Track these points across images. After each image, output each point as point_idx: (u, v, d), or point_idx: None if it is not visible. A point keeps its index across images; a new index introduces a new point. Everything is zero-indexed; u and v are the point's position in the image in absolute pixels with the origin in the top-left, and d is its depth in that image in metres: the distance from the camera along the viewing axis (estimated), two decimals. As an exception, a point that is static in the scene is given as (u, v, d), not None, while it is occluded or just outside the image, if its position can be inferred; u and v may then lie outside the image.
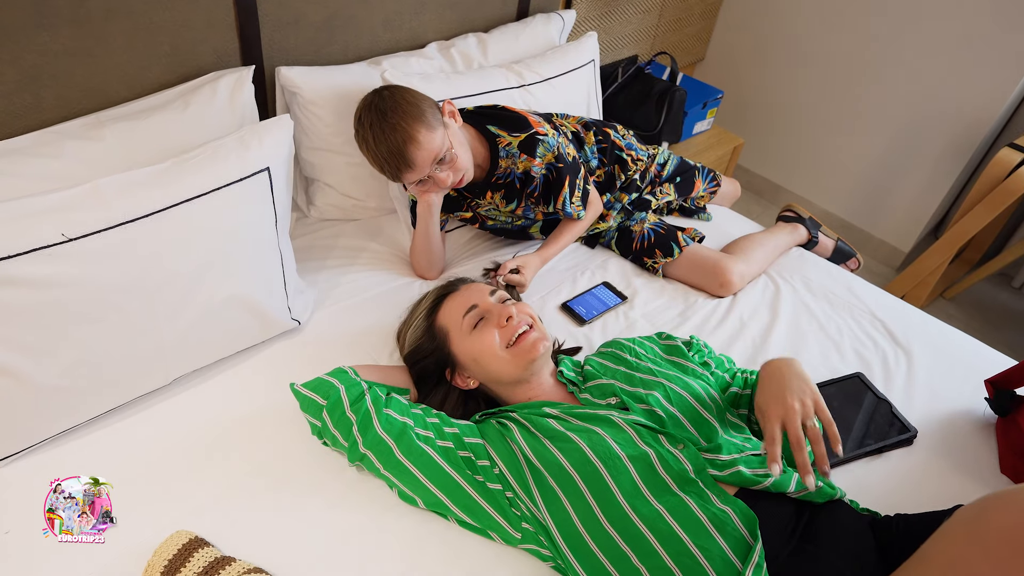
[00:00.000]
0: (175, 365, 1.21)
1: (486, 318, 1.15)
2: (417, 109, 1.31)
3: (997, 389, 1.31)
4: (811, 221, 1.86)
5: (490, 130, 1.48)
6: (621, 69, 2.34)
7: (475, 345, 1.13)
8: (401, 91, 1.35)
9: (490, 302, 1.18)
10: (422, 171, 1.34)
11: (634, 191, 1.72)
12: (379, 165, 1.35)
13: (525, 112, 1.52)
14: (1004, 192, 2.04)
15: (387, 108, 1.30)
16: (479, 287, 1.22)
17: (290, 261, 1.35)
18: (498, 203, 1.54)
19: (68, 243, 1.02)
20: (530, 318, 1.17)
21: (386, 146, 1.30)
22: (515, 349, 1.12)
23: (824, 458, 0.93)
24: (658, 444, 0.99)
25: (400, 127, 1.29)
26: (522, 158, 1.46)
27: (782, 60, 2.68)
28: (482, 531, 1.05)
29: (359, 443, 1.05)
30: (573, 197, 1.52)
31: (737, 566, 0.87)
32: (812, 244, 1.84)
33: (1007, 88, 2.19)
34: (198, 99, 1.32)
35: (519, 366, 1.12)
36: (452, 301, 1.20)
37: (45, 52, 1.19)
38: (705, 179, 1.88)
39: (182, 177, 1.13)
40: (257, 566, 0.97)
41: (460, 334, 1.15)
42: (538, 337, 1.13)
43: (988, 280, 2.65)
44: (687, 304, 1.57)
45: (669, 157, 1.82)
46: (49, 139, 1.21)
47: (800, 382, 0.99)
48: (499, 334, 1.13)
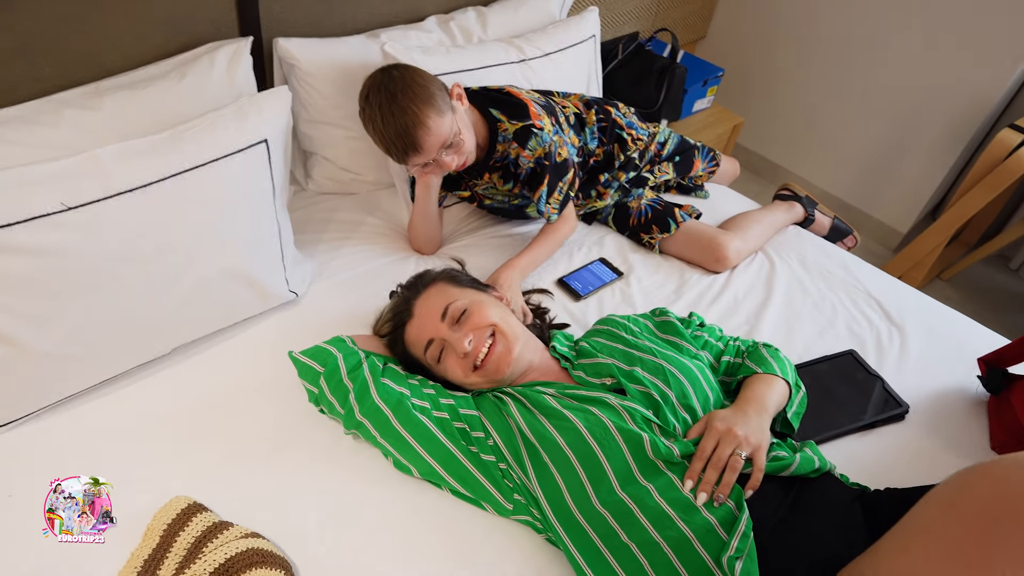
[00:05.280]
0: (174, 335, 1.22)
1: (445, 349, 1.12)
2: (427, 92, 1.29)
3: (990, 367, 1.32)
4: (807, 199, 1.86)
5: (492, 113, 1.47)
6: (622, 45, 2.32)
7: (446, 373, 1.14)
8: (411, 72, 1.33)
9: (443, 331, 1.12)
10: (429, 155, 1.33)
11: (632, 170, 1.71)
12: (385, 146, 1.33)
13: (528, 100, 1.49)
14: (1003, 173, 2.04)
15: (397, 90, 1.28)
16: (430, 307, 1.14)
17: (288, 233, 1.35)
18: (495, 182, 1.54)
19: (67, 212, 1.03)
20: (491, 329, 1.12)
21: (394, 129, 1.29)
22: (482, 371, 1.11)
23: (728, 487, 0.93)
24: (651, 431, 1.00)
25: (410, 110, 1.27)
26: (514, 146, 1.46)
27: (783, 39, 2.66)
28: (475, 501, 1.06)
29: (356, 411, 1.06)
30: (550, 198, 1.48)
31: (722, 536, 0.89)
32: (808, 222, 1.84)
33: (1009, 69, 2.18)
34: (196, 70, 1.31)
35: (494, 380, 1.12)
36: (411, 332, 1.16)
37: (39, 18, 1.18)
38: (704, 159, 1.87)
39: (180, 147, 1.14)
40: (254, 531, 0.99)
41: (429, 364, 1.15)
42: (502, 352, 1.10)
43: (986, 261, 2.65)
44: (682, 280, 1.58)
45: (669, 136, 1.81)
46: (48, 108, 1.20)
47: (759, 423, 1.02)
48: (460, 367, 1.11)
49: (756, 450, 0.97)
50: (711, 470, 0.94)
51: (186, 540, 0.96)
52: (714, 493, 0.93)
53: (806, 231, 1.79)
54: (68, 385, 1.13)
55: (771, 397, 1.08)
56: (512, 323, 1.15)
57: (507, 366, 1.10)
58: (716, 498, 0.92)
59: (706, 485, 0.93)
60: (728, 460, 0.95)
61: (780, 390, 1.11)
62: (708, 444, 0.97)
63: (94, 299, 1.08)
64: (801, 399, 1.17)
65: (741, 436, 0.97)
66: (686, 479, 0.94)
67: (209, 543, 0.96)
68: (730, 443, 0.96)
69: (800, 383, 1.19)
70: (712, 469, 0.94)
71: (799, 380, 1.19)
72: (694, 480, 0.94)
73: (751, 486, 0.95)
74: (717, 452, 0.95)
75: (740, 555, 0.86)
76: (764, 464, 0.96)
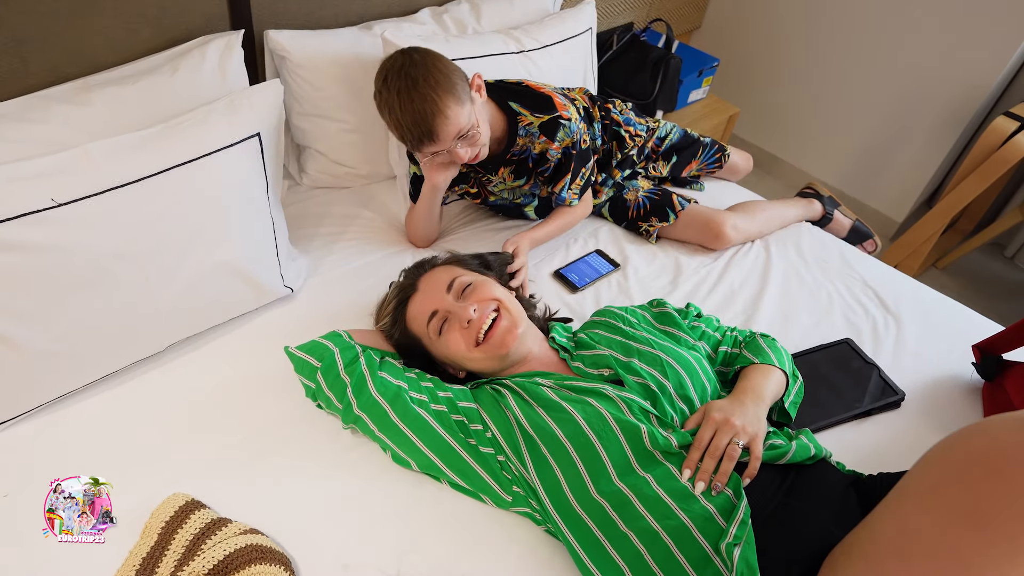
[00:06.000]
0: (169, 332, 1.21)
1: (448, 320, 1.12)
2: (449, 81, 1.26)
3: (984, 354, 1.32)
4: (830, 200, 1.86)
5: (511, 107, 1.44)
6: (616, 36, 2.31)
7: (446, 349, 1.12)
8: (433, 58, 1.28)
9: (448, 303, 1.13)
10: (444, 145, 1.29)
11: (628, 167, 1.70)
12: (400, 133, 1.29)
13: (552, 92, 1.48)
14: (998, 161, 2.04)
15: (419, 75, 1.24)
16: (436, 281, 1.16)
17: (282, 228, 1.35)
18: (506, 177, 1.53)
19: (58, 208, 1.02)
20: (495, 303, 1.12)
21: (412, 116, 1.25)
22: (485, 347, 1.10)
23: (725, 476, 0.93)
24: (648, 422, 1.00)
25: (430, 98, 1.23)
26: (541, 139, 1.44)
27: (778, 29, 2.65)
28: (474, 494, 1.06)
29: (353, 405, 1.06)
30: (573, 184, 1.50)
31: (721, 524, 0.89)
32: (826, 221, 1.84)
33: (1004, 57, 2.17)
34: (187, 64, 1.30)
35: (495, 359, 1.11)
36: (414, 306, 1.17)
37: (31, 13, 1.17)
38: (706, 158, 1.83)
39: (172, 142, 1.13)
40: (253, 527, 0.99)
41: (430, 340, 1.14)
42: (507, 327, 1.10)
43: (981, 250, 2.66)
44: (679, 271, 1.58)
45: (671, 131, 1.78)
46: (37, 104, 1.19)
47: (756, 412, 1.02)
48: (463, 337, 1.10)
49: (753, 439, 0.97)
50: (708, 459, 0.95)
51: (184, 537, 0.96)
52: (712, 482, 0.93)
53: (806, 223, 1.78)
54: (62, 383, 1.13)
55: (768, 387, 1.09)
56: (516, 304, 1.15)
57: (512, 341, 1.09)
58: (714, 486, 0.93)
59: (703, 474, 0.94)
60: (726, 449, 0.95)
61: (777, 380, 1.12)
62: (705, 433, 0.97)
63: (87, 296, 1.08)
64: (798, 389, 1.17)
65: (738, 425, 0.97)
66: (684, 468, 0.95)
67: (207, 540, 0.95)
68: (727, 432, 0.96)
69: (797, 373, 1.19)
70: (709, 458, 0.95)
71: (796, 370, 1.19)
72: (692, 469, 0.95)
73: (748, 474, 0.95)
74: (714, 441, 0.96)
75: (738, 542, 0.86)
76: (761, 453, 0.97)
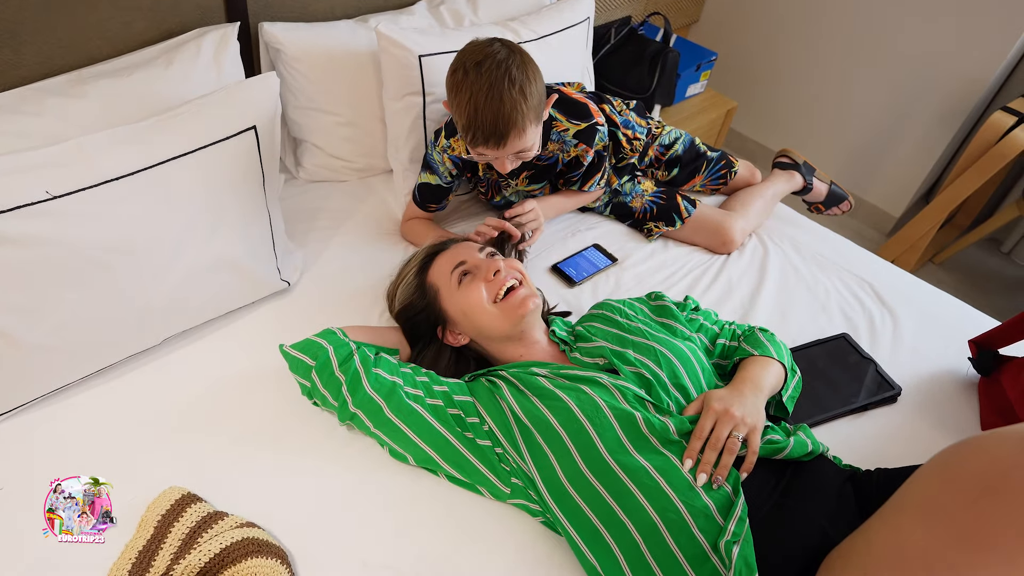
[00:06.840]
0: (165, 325, 1.21)
1: (473, 273, 1.16)
2: (539, 100, 1.23)
3: (980, 349, 1.32)
4: (806, 166, 1.85)
5: (550, 112, 1.42)
6: (614, 30, 2.30)
7: (464, 300, 1.14)
8: (535, 69, 1.24)
9: (478, 258, 1.18)
10: (503, 154, 1.26)
11: (627, 173, 1.67)
12: (469, 120, 1.21)
13: (585, 99, 1.47)
14: (995, 156, 2.04)
15: (519, 80, 1.18)
16: (468, 245, 1.23)
17: (279, 222, 1.34)
18: (518, 183, 1.52)
19: (53, 200, 1.01)
20: (519, 273, 1.17)
21: (493, 114, 1.18)
22: (503, 304, 1.12)
23: (725, 470, 0.94)
24: (644, 409, 1.01)
25: (520, 108, 1.18)
26: (579, 147, 1.44)
27: (776, 23, 2.65)
28: (471, 487, 1.06)
29: (349, 402, 1.06)
30: (601, 180, 1.55)
31: (719, 521, 0.89)
32: (807, 191, 1.84)
33: (1001, 52, 2.17)
34: (182, 56, 1.30)
35: (508, 320, 1.12)
36: (441, 259, 1.20)
37: (25, 5, 1.16)
38: (710, 174, 1.76)
39: (167, 135, 1.12)
40: (249, 520, 0.98)
41: (449, 290, 1.16)
42: (527, 294, 1.13)
43: (978, 245, 2.66)
44: (677, 266, 1.58)
45: (677, 140, 1.71)
46: (31, 96, 1.18)
47: (755, 403, 1.02)
48: (486, 288, 1.13)
49: (752, 431, 0.97)
50: (709, 450, 0.95)
51: (180, 531, 0.96)
52: (713, 475, 0.93)
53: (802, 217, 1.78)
54: (58, 377, 1.12)
55: (767, 379, 1.09)
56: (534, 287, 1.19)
57: (527, 309, 1.11)
58: (714, 480, 0.93)
59: (705, 465, 0.94)
60: (726, 442, 0.95)
61: (776, 372, 1.12)
62: (706, 424, 0.97)
63: (83, 289, 1.07)
64: (797, 383, 1.17)
65: (738, 416, 0.97)
66: (685, 458, 0.94)
67: (204, 533, 0.95)
68: (727, 423, 0.96)
69: (796, 367, 1.19)
70: (710, 449, 0.94)
71: (795, 365, 1.19)
72: (693, 459, 0.94)
73: (745, 469, 0.95)
74: (715, 432, 0.96)
75: (737, 539, 0.86)
76: (759, 447, 0.97)
